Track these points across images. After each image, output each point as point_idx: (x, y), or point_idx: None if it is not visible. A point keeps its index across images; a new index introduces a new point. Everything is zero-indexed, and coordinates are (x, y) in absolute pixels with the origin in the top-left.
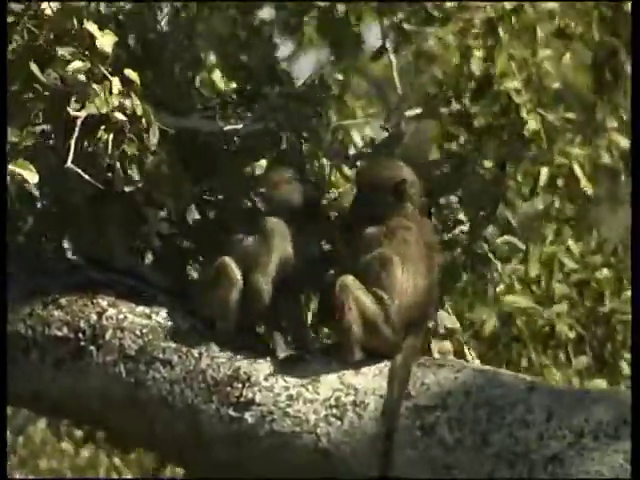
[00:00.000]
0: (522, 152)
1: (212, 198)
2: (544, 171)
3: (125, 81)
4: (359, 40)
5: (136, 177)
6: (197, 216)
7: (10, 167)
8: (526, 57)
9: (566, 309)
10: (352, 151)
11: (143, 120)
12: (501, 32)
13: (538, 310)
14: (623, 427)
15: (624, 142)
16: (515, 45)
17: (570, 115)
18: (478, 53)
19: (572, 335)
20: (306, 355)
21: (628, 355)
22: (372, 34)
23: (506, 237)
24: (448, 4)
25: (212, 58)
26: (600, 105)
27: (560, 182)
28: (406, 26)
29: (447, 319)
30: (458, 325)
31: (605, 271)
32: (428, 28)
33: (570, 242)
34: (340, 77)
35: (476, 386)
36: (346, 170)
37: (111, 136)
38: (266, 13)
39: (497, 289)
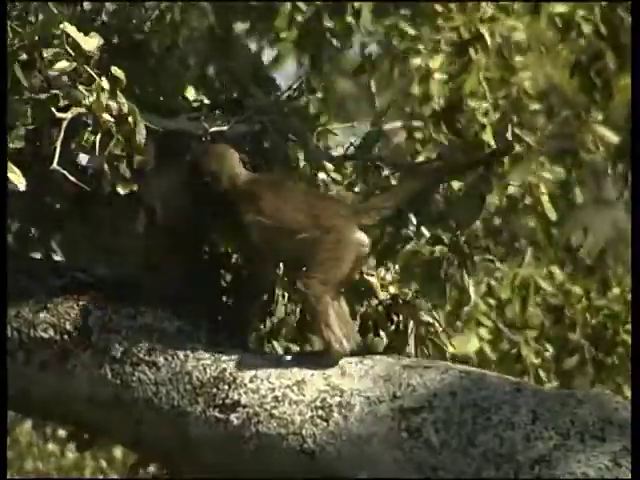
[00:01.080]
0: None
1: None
2: (511, 189)
3: (111, 80)
4: (343, 46)
5: (127, 176)
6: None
7: None
8: (504, 77)
9: (535, 335)
10: (337, 152)
11: (130, 119)
12: (473, 53)
13: (502, 333)
14: (609, 428)
15: (611, 136)
16: (490, 65)
17: (546, 133)
18: (439, 75)
19: (537, 361)
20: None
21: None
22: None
23: (485, 256)
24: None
25: (196, 61)
26: (590, 105)
27: (528, 201)
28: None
29: (426, 313)
30: (438, 325)
31: (583, 300)
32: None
33: (553, 267)
34: (323, 82)
35: (462, 388)
36: (332, 172)
37: (98, 137)
38: (243, 26)
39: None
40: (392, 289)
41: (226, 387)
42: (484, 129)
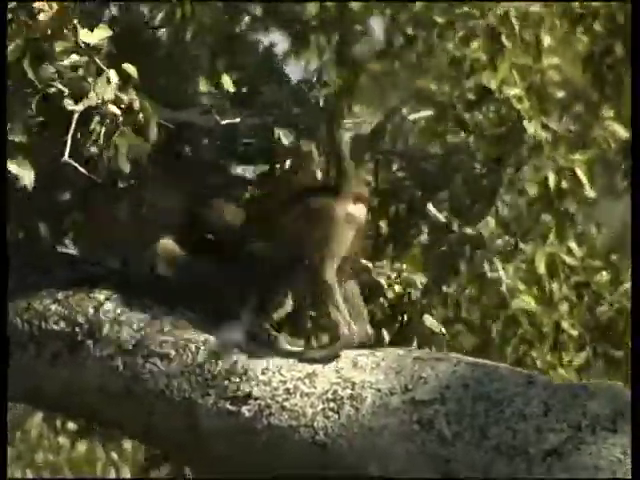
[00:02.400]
0: (522, 158)
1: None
2: (552, 177)
3: (122, 75)
4: (363, 33)
5: (126, 169)
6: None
7: (8, 166)
8: (529, 64)
9: (567, 310)
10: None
11: (140, 115)
12: (504, 39)
13: (546, 311)
14: (620, 420)
15: (622, 131)
16: (518, 53)
17: (571, 126)
18: (475, 63)
19: (575, 333)
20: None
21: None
22: (377, 32)
23: (506, 237)
24: (457, 10)
25: (206, 54)
26: (600, 99)
27: (565, 185)
28: (409, 31)
29: (431, 323)
30: (442, 330)
31: (604, 274)
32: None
33: (571, 243)
34: (339, 75)
35: (474, 380)
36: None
37: (104, 129)
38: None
39: (502, 290)
40: (397, 288)
41: (237, 379)
42: (520, 116)
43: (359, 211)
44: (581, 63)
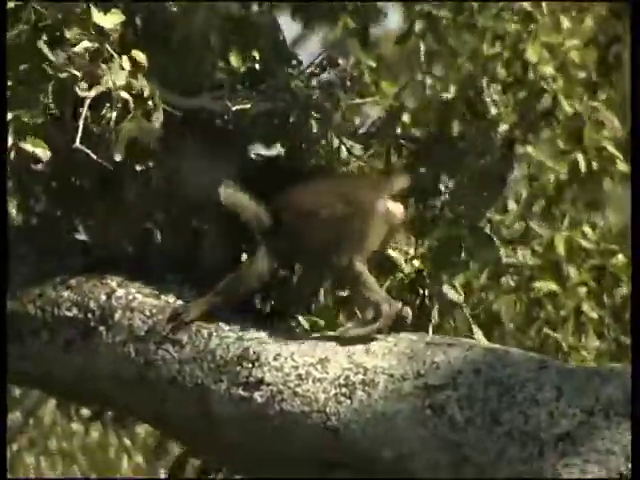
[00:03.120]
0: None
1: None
2: (580, 157)
3: (133, 62)
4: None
5: (117, 157)
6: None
7: (22, 145)
8: (560, 42)
9: (585, 292)
10: (362, 130)
11: (150, 102)
12: (538, 17)
13: (567, 293)
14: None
15: (615, 121)
16: (546, 32)
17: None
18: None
19: (595, 316)
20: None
21: None
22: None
23: (522, 223)
24: None
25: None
26: (602, 86)
27: (595, 165)
28: (435, 12)
29: (450, 292)
30: (462, 298)
31: (620, 257)
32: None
33: (585, 228)
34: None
35: (486, 365)
36: (355, 149)
37: (114, 114)
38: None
39: (521, 275)
40: (416, 263)
41: (250, 365)
42: (555, 97)
43: (397, 209)
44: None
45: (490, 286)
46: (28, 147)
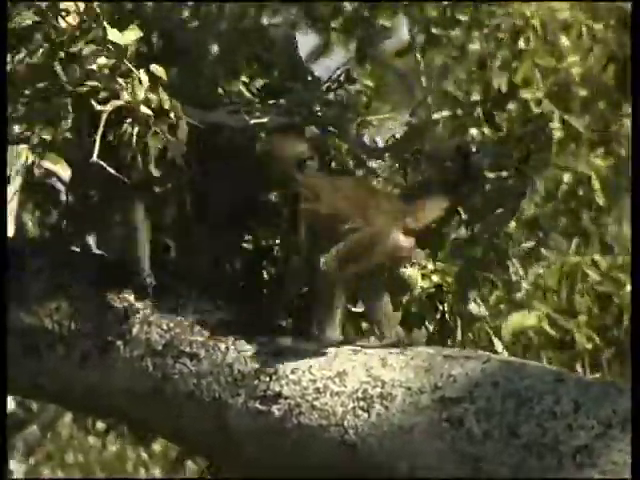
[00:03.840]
0: (547, 157)
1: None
2: (566, 177)
3: (152, 76)
4: (385, 34)
5: (155, 172)
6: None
7: (43, 163)
8: (551, 65)
9: (585, 320)
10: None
11: (172, 114)
12: (522, 42)
13: (558, 319)
14: None
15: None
16: (540, 53)
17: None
18: (496, 62)
19: (589, 346)
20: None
21: None
22: (399, 30)
23: (530, 243)
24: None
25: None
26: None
27: (581, 191)
28: (433, 30)
29: (474, 307)
30: (485, 311)
31: (628, 287)
32: (453, 32)
33: (596, 256)
34: (365, 72)
35: (503, 377)
36: (372, 163)
37: (136, 129)
38: (287, 12)
39: (519, 295)
40: (435, 278)
41: (267, 379)
42: (543, 115)
43: (407, 244)
44: (605, 61)
45: (507, 300)
46: (50, 165)
